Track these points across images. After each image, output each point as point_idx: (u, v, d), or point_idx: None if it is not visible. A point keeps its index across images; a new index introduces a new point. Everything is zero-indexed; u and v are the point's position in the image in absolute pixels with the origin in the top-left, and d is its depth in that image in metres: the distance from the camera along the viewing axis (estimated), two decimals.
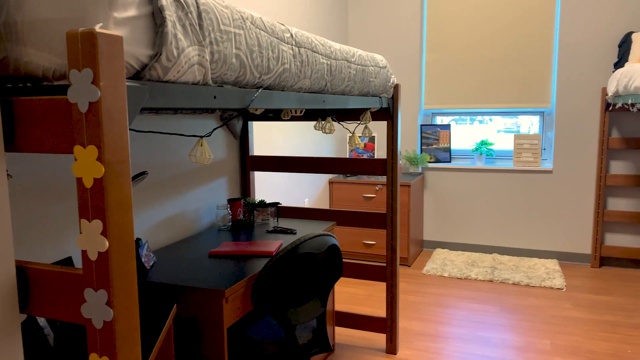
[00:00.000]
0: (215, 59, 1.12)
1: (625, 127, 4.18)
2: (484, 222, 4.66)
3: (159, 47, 0.95)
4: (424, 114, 4.94)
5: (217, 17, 1.12)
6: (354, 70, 2.03)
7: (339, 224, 2.85)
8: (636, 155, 4.18)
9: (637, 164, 4.18)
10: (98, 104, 0.79)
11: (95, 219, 0.81)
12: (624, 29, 4.08)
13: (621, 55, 3.99)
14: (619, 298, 3.58)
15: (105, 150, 0.80)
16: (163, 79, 0.98)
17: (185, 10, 1.01)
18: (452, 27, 4.66)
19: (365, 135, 2.54)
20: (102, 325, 0.84)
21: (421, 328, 3.14)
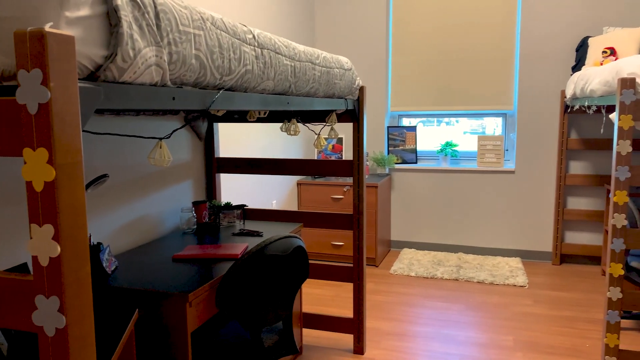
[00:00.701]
0: (173, 60, 1.10)
1: (583, 129, 4.33)
2: (449, 222, 4.74)
3: (114, 47, 0.93)
4: (391, 115, 4.99)
5: (175, 17, 1.11)
6: (319, 72, 2.04)
7: (306, 226, 2.85)
8: (593, 156, 4.33)
9: (594, 164, 4.33)
10: (48, 105, 0.77)
11: (46, 223, 0.79)
12: (581, 34, 4.23)
13: (578, 59, 4.13)
14: (577, 294, 3.70)
15: (56, 152, 0.78)
16: (119, 80, 0.96)
17: (142, 11, 1.00)
18: (417, 31, 4.73)
19: (331, 136, 2.55)
20: (54, 332, 0.82)
21: (388, 327, 3.17)
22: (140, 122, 2.28)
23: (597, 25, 4.19)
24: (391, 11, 4.78)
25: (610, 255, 2.34)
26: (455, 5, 4.59)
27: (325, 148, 4.90)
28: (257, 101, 1.54)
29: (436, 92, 4.75)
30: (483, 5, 4.51)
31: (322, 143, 2.39)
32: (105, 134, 1.61)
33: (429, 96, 4.78)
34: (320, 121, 2.63)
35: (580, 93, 3.34)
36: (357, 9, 4.78)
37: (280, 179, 4.23)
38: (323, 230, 4.52)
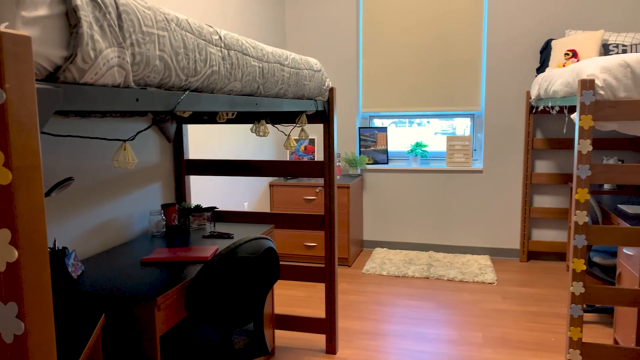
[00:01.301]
0: (137, 61, 1.09)
1: (547, 129, 4.45)
2: (420, 221, 4.81)
3: (73, 48, 0.91)
4: (362, 116, 5.03)
5: (138, 18, 1.09)
6: (288, 74, 2.04)
7: (278, 227, 2.85)
8: (558, 155, 4.46)
9: (559, 162, 4.46)
10: (3, 106, 0.75)
11: (3, 228, 0.77)
12: (545, 36, 4.35)
13: (542, 60, 4.24)
14: (544, 290, 3.80)
15: (13, 155, 0.76)
16: (79, 81, 0.95)
17: (102, 11, 0.98)
18: (387, 32, 4.78)
19: (302, 137, 2.55)
20: (12, 339, 0.80)
21: (360, 327, 3.19)
22: (108, 124, 2.24)
23: (560, 28, 4.31)
24: (361, 13, 4.82)
25: (572, 251, 2.41)
26: (424, 7, 4.66)
27: (297, 149, 4.91)
28: (225, 102, 1.54)
29: (406, 93, 4.81)
30: (451, 7, 4.59)
31: (292, 144, 2.39)
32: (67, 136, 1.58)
33: (399, 97, 4.84)
34: (291, 122, 2.63)
35: (544, 94, 3.43)
36: (328, 11, 4.80)
37: (252, 180, 4.21)
38: (295, 232, 4.52)
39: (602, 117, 2.30)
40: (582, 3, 4.24)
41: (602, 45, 3.74)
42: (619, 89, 2.29)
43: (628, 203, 3.20)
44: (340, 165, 4.80)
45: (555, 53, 3.96)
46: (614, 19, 4.19)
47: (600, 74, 2.32)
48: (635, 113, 2.26)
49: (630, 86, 2.29)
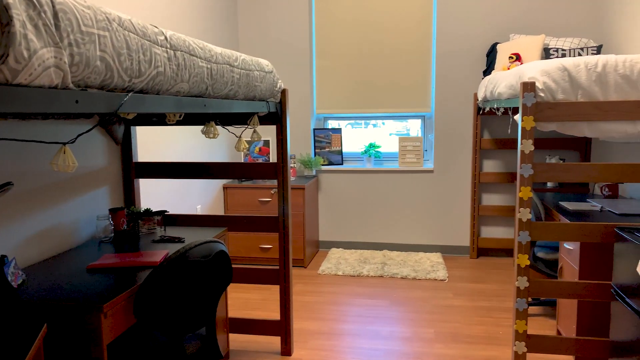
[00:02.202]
0: (75, 62, 1.06)
1: (494, 129, 4.61)
2: (374, 221, 4.88)
3: (5, 48, 0.88)
4: (317, 118, 5.05)
5: (77, 17, 1.06)
6: (238, 75, 2.03)
7: (231, 230, 2.82)
8: (503, 154, 4.63)
9: (505, 162, 4.63)
10: None
11: None
12: (491, 40, 4.51)
13: (489, 63, 4.39)
14: (492, 285, 3.93)
15: None
16: (12, 82, 0.91)
17: (37, 10, 0.95)
18: (339, 35, 4.82)
19: (254, 139, 2.54)
20: None
21: (316, 327, 3.20)
22: (50, 126, 2.16)
23: (505, 32, 4.48)
24: (314, 14, 4.85)
25: (517, 247, 2.51)
26: (375, 10, 4.73)
27: (251, 151, 4.88)
28: (171, 104, 1.51)
29: (359, 95, 4.87)
30: (401, 11, 4.69)
31: (243, 146, 2.38)
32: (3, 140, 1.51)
33: (352, 99, 4.89)
34: (243, 124, 2.61)
35: (490, 96, 3.56)
36: (281, 13, 4.80)
37: (205, 183, 4.15)
38: (251, 234, 4.49)
39: (543, 118, 2.41)
40: (525, 9, 4.42)
41: (544, 49, 3.91)
42: (558, 92, 2.40)
43: (569, 200, 3.36)
44: (295, 167, 4.81)
45: (500, 56, 4.11)
46: (554, 25, 4.40)
47: (540, 77, 2.42)
48: (572, 114, 2.38)
49: (568, 89, 2.41)
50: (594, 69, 2.38)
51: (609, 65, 2.38)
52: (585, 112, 2.37)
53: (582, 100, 2.39)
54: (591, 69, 2.38)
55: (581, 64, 2.40)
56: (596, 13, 4.29)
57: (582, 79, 2.39)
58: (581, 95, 2.40)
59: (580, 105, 2.37)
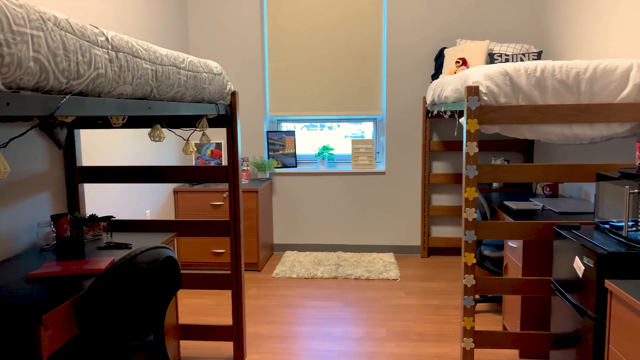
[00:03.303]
0: (6, 63, 1.01)
1: (442, 132, 4.74)
2: (328, 223, 4.90)
3: None
4: (270, 120, 5.04)
5: (7, 16, 1.02)
6: (185, 77, 2.00)
7: (182, 235, 2.77)
8: (451, 156, 4.76)
9: (452, 163, 4.77)
10: None
11: None
12: (439, 44, 4.63)
13: (437, 67, 4.51)
14: (442, 283, 4.03)
15: None
16: None
17: None
18: (292, 37, 4.83)
19: (203, 142, 2.50)
20: None
21: (269, 331, 3.19)
22: None
23: (452, 37, 4.62)
24: (266, 17, 4.83)
25: (464, 246, 2.58)
26: (327, 13, 4.77)
27: (203, 153, 4.80)
28: (113, 106, 1.47)
29: (313, 98, 4.89)
30: (353, 15, 4.75)
31: (191, 149, 2.34)
32: None
33: (306, 101, 4.90)
34: (192, 126, 2.57)
35: (437, 99, 3.65)
36: (232, 15, 4.76)
37: (154, 187, 4.05)
38: (203, 239, 4.42)
39: (486, 121, 2.50)
40: (471, 15, 4.57)
41: (488, 54, 4.05)
42: (500, 95, 2.50)
43: (513, 200, 3.49)
44: (249, 170, 4.77)
45: (447, 61, 4.23)
46: (498, 31, 4.57)
47: (483, 81, 2.51)
48: (513, 117, 2.48)
49: (510, 93, 2.50)
50: (533, 74, 2.49)
51: (547, 70, 2.49)
52: (526, 115, 2.47)
53: (522, 104, 2.49)
54: (531, 74, 2.49)
55: (521, 69, 2.50)
56: (537, 21, 4.49)
57: (523, 84, 2.49)
58: (522, 99, 2.51)
59: (520, 108, 2.47)
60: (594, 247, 1.95)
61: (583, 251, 2.02)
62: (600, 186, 2.22)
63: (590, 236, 2.12)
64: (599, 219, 2.23)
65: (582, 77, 2.47)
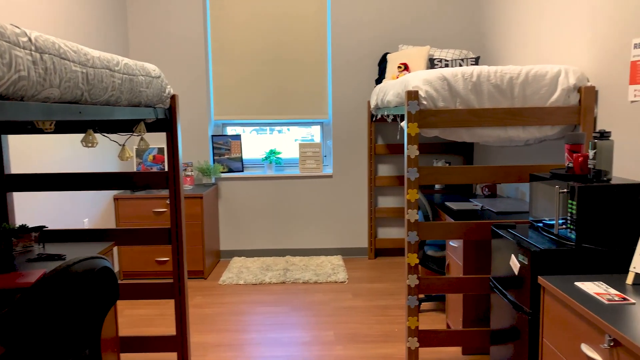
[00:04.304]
0: None
1: (386, 135, 4.83)
2: (276, 227, 4.87)
3: None
4: (215, 124, 4.95)
5: None
6: (120, 80, 1.92)
7: (121, 244, 2.66)
8: (395, 159, 4.86)
9: (397, 166, 4.86)
10: None
11: None
12: (382, 49, 4.71)
13: (380, 72, 4.59)
14: (389, 284, 4.09)
15: None
16: None
17: None
18: (236, 40, 4.77)
19: (141, 147, 2.42)
20: None
21: (215, 339, 3.12)
22: None
23: (395, 42, 4.71)
24: (209, 20, 4.76)
25: (407, 246, 2.63)
26: (272, 16, 4.75)
27: (145, 159, 4.65)
28: (38, 111, 1.39)
29: (259, 101, 4.85)
30: (297, 19, 4.75)
31: (128, 154, 2.26)
32: None
33: (252, 105, 4.86)
34: (127, 131, 2.48)
35: (381, 104, 3.71)
36: (173, 18, 4.65)
37: (92, 194, 3.88)
38: (146, 247, 4.28)
39: (426, 125, 2.56)
40: (412, 21, 4.68)
41: (429, 59, 4.16)
42: (439, 100, 2.57)
43: (454, 200, 3.59)
44: (193, 175, 4.67)
45: (390, 66, 4.31)
46: (438, 37, 4.71)
47: (423, 86, 2.57)
48: (452, 121, 2.55)
49: (448, 97, 2.58)
50: (470, 78, 2.58)
51: (483, 75, 2.58)
52: (463, 118, 2.55)
53: (460, 108, 2.57)
54: (467, 79, 2.57)
55: (459, 74, 2.58)
56: (475, 27, 4.66)
57: (460, 88, 2.57)
58: (459, 103, 2.58)
59: (458, 112, 2.55)
60: (528, 245, 2.04)
61: (518, 249, 2.10)
62: (534, 186, 2.32)
63: (525, 235, 2.21)
64: (533, 218, 2.33)
65: (515, 82, 2.58)
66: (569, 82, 2.57)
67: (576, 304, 1.61)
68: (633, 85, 2.30)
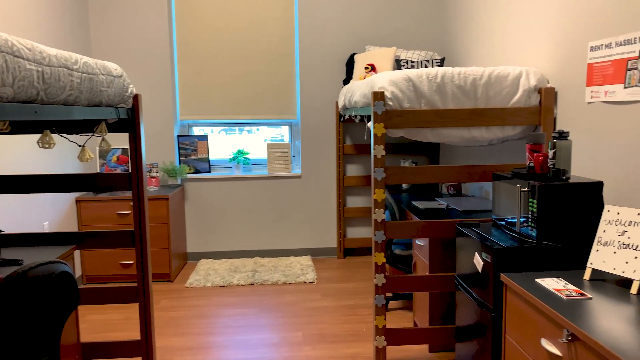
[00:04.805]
0: None
1: (354, 136, 4.85)
2: (245, 228, 4.83)
3: None
4: (181, 124, 4.88)
5: None
6: (78, 79, 1.87)
7: (84, 248, 2.59)
8: (363, 159, 4.89)
9: (365, 166, 4.89)
10: None
11: None
12: (350, 50, 4.73)
13: (348, 73, 4.61)
14: (358, 283, 4.11)
15: None
16: None
17: None
18: (203, 40, 4.71)
19: (102, 148, 2.36)
20: None
21: (182, 343, 3.07)
22: None
23: (362, 43, 4.74)
24: (174, 19, 4.68)
25: (374, 246, 2.65)
26: (239, 16, 4.71)
27: (108, 160, 4.54)
28: None
29: (226, 101, 4.80)
30: (265, 19, 4.72)
31: (88, 155, 2.19)
32: None
33: (219, 105, 4.80)
34: (88, 131, 2.41)
35: (348, 104, 3.73)
36: (137, 18, 4.55)
37: (53, 196, 3.77)
38: (110, 251, 4.18)
39: (392, 125, 2.58)
40: (379, 22, 4.72)
41: (396, 60, 4.20)
42: (404, 100, 2.59)
43: (420, 200, 3.64)
44: (158, 176, 4.58)
45: (357, 66, 4.33)
46: (405, 38, 4.76)
47: (388, 86, 2.59)
48: (417, 121, 2.58)
49: (413, 98, 2.60)
50: (434, 79, 2.61)
51: (447, 76, 2.62)
52: (428, 119, 2.58)
53: (425, 109, 2.60)
54: (432, 80, 2.61)
55: (423, 75, 2.61)
56: (441, 29, 4.73)
57: (425, 89, 2.60)
58: (424, 104, 2.62)
59: (423, 113, 2.58)
60: (491, 243, 2.08)
61: (481, 247, 2.14)
62: (496, 185, 2.37)
63: (488, 233, 2.26)
64: (496, 216, 2.38)
65: (478, 83, 2.63)
66: (530, 84, 2.64)
67: (536, 300, 1.65)
68: (590, 86, 2.37)
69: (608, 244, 1.80)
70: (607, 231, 1.82)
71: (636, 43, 2.07)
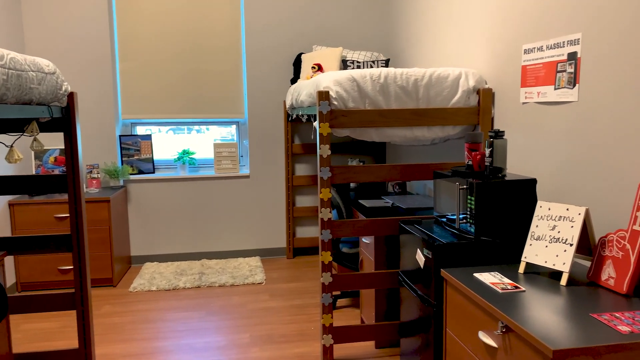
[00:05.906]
0: None
1: (302, 135, 4.85)
2: (191, 230, 4.73)
3: None
4: (123, 124, 4.71)
5: None
6: (4, 75, 1.76)
7: (15, 253, 2.45)
8: (311, 159, 4.90)
9: (313, 165, 4.90)
10: None
11: None
12: (297, 49, 4.73)
13: (295, 72, 4.60)
14: (307, 283, 4.12)
15: None
16: None
17: None
18: (145, 37, 4.57)
19: (34, 148, 2.24)
20: None
21: (124, 349, 2.97)
22: None
23: (309, 43, 4.75)
24: (115, 14, 4.51)
25: (320, 245, 2.65)
26: (184, 12, 4.60)
27: (45, 161, 4.33)
28: None
29: (171, 100, 4.69)
30: (210, 17, 4.64)
31: (16, 156, 2.08)
32: None
33: (163, 104, 4.68)
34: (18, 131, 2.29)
35: (295, 103, 3.72)
36: (75, 13, 4.36)
37: None
38: (47, 256, 3.98)
39: (337, 125, 2.60)
40: (326, 22, 4.74)
41: (342, 60, 4.24)
42: (349, 100, 2.61)
43: (367, 198, 3.68)
44: (99, 177, 4.41)
45: (304, 66, 4.33)
46: (351, 39, 4.80)
47: (333, 86, 2.60)
48: (361, 121, 2.61)
49: (357, 98, 2.63)
50: (377, 80, 2.65)
51: (390, 77, 2.67)
52: (372, 119, 2.62)
53: (369, 109, 2.64)
54: (375, 80, 2.65)
55: (367, 75, 2.65)
56: (386, 30, 4.81)
57: (369, 89, 2.64)
58: (368, 104, 2.65)
59: (367, 113, 2.61)
60: (432, 240, 2.13)
61: (423, 244, 2.19)
62: (437, 183, 2.43)
63: (430, 229, 2.31)
64: (438, 213, 2.44)
65: (420, 84, 2.69)
66: (469, 85, 2.72)
67: (473, 294, 1.70)
68: (524, 87, 2.48)
69: (540, 238, 1.89)
70: (539, 226, 1.91)
71: (565, 47, 2.18)
